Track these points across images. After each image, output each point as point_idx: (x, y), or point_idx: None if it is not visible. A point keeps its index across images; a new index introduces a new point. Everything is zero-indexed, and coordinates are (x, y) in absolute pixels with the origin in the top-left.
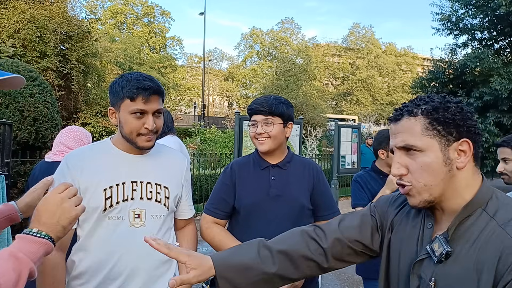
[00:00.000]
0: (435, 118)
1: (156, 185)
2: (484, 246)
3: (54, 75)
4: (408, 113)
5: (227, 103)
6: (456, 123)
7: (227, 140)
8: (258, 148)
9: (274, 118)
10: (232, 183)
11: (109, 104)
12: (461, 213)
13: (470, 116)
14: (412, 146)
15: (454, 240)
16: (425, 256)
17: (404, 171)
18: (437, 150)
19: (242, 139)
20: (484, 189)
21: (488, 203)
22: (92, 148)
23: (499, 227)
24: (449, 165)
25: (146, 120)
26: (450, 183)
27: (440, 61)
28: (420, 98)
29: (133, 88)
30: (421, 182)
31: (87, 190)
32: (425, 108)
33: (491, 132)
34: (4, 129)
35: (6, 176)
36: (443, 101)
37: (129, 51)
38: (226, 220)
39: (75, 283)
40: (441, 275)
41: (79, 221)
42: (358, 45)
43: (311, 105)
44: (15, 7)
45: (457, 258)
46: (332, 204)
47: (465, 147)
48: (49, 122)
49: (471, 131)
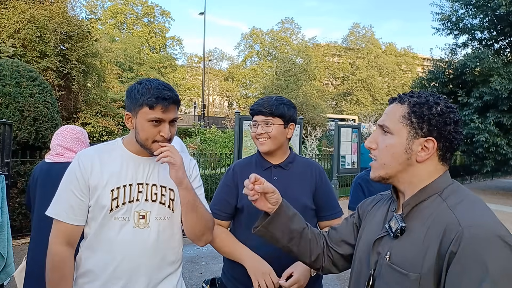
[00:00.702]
0: (414, 111)
1: (161, 187)
2: (433, 223)
3: (54, 75)
4: (399, 100)
5: (227, 103)
6: (430, 122)
7: (227, 140)
8: (259, 148)
9: (274, 119)
10: (234, 184)
11: (125, 108)
12: (415, 195)
13: (449, 122)
14: (387, 127)
15: (410, 219)
16: (384, 234)
17: (374, 146)
18: (403, 138)
19: (242, 139)
20: (443, 179)
21: (444, 191)
22: (103, 149)
23: (448, 208)
24: (408, 154)
25: (163, 129)
26: (407, 171)
27: (440, 61)
28: (417, 92)
29: (153, 97)
30: (382, 160)
31: (96, 189)
32: (413, 100)
33: (491, 132)
34: (4, 129)
35: (6, 176)
36: (432, 101)
37: (129, 51)
38: (229, 222)
39: (82, 280)
40: (396, 248)
41: (88, 219)
42: (358, 45)
43: (311, 105)
44: (15, 7)
45: (410, 234)
46: (335, 204)
47: (429, 145)
48: (49, 122)
49: (441, 135)
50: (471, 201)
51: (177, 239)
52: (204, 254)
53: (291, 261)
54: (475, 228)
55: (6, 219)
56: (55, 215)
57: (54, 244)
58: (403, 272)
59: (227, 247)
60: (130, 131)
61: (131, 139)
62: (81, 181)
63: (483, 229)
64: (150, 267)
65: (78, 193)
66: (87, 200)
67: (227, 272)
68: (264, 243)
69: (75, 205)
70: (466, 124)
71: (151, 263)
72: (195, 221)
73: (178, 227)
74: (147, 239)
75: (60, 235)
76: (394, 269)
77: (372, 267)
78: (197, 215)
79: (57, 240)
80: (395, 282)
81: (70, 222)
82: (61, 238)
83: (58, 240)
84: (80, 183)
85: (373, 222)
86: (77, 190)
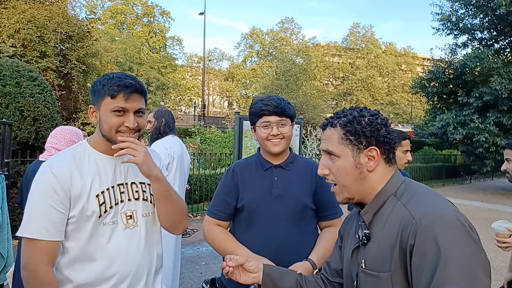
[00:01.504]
0: (348, 130)
1: (141, 184)
2: (391, 222)
3: (54, 75)
4: (330, 125)
5: (227, 103)
6: (365, 134)
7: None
8: (271, 150)
9: (287, 119)
10: (234, 184)
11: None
12: (373, 202)
13: (380, 127)
14: (331, 152)
15: (374, 224)
16: (358, 244)
17: (327, 172)
18: (349, 156)
19: (242, 139)
20: (394, 180)
21: (398, 190)
22: (74, 153)
23: (402, 205)
24: (360, 169)
25: (127, 119)
26: (363, 183)
27: (440, 61)
28: (342, 111)
29: (114, 86)
30: (340, 182)
31: (80, 198)
32: (342, 121)
33: (491, 132)
34: (4, 129)
35: (6, 176)
36: (357, 115)
37: (129, 51)
38: (229, 222)
39: None
40: (367, 255)
41: (68, 232)
42: (358, 45)
43: (311, 105)
44: (15, 7)
45: (375, 239)
46: (335, 204)
47: (374, 153)
48: (49, 122)
49: (379, 141)
50: (422, 194)
51: (159, 231)
52: (204, 254)
53: (290, 261)
54: (425, 216)
55: (6, 219)
56: (32, 235)
57: (38, 266)
58: (375, 274)
59: (226, 248)
60: (96, 130)
61: (98, 138)
62: (61, 193)
63: (433, 216)
64: (148, 265)
65: (58, 207)
66: (67, 212)
67: None
68: (263, 243)
69: (57, 220)
70: (466, 124)
71: (147, 259)
72: (172, 211)
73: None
74: (139, 237)
75: (42, 255)
76: (368, 274)
77: (355, 279)
78: (172, 205)
79: (41, 262)
80: (372, 286)
81: (52, 238)
82: (45, 259)
83: (41, 262)
84: (60, 195)
85: (349, 237)
86: (57, 203)
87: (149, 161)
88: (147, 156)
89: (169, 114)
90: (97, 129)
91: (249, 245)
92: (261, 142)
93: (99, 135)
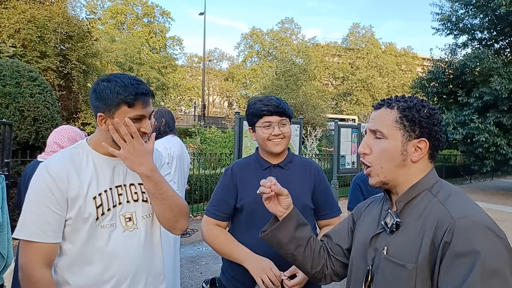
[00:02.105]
0: (406, 115)
1: (139, 185)
2: (427, 217)
3: (55, 75)
4: (387, 105)
5: (227, 103)
6: (421, 124)
7: (227, 140)
8: (273, 150)
9: (287, 119)
10: (232, 184)
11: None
12: (407, 192)
13: (437, 123)
14: (380, 131)
15: (404, 214)
16: (381, 230)
17: (368, 151)
18: (398, 141)
19: (242, 139)
20: (431, 175)
21: (434, 186)
22: (72, 153)
23: (439, 202)
24: (404, 156)
25: (144, 124)
26: (403, 171)
27: (440, 61)
28: (402, 96)
29: (131, 95)
30: (379, 164)
31: (77, 199)
32: (402, 105)
33: (491, 132)
34: (4, 129)
35: (6, 176)
36: (419, 103)
37: (129, 51)
38: (227, 222)
39: None
40: (392, 243)
41: (66, 234)
42: (358, 45)
43: (311, 105)
44: (15, 7)
45: (406, 228)
46: (333, 203)
47: (422, 146)
48: (49, 122)
49: (432, 135)
50: (458, 195)
51: (159, 233)
52: (204, 254)
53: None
54: (465, 219)
55: (7, 219)
56: (28, 237)
57: (35, 268)
58: (400, 263)
59: (226, 249)
60: (96, 130)
61: (101, 139)
62: (58, 194)
63: (473, 220)
64: (148, 265)
65: (55, 208)
66: (65, 214)
67: (227, 273)
68: (263, 243)
69: (53, 221)
70: (466, 124)
71: (148, 261)
72: (165, 209)
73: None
74: (139, 240)
75: (39, 258)
76: (391, 261)
77: (370, 263)
78: (163, 203)
79: (37, 264)
80: (393, 274)
81: (49, 240)
82: (41, 261)
83: (38, 264)
84: (57, 196)
85: (367, 221)
86: (54, 204)
87: (134, 158)
88: (134, 152)
89: (169, 114)
90: (99, 130)
91: (249, 246)
92: (261, 143)
93: (102, 137)
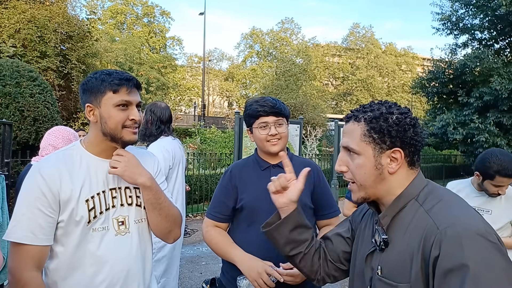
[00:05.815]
0: (373, 127)
1: (135, 189)
2: (413, 230)
3: (55, 75)
4: (354, 118)
5: (227, 103)
6: (391, 134)
7: (227, 140)
8: (271, 150)
9: (283, 119)
10: (232, 186)
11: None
12: (392, 205)
13: (408, 128)
14: (351, 148)
15: (392, 229)
16: (373, 248)
17: (345, 169)
18: (370, 156)
19: (242, 139)
20: (416, 183)
21: (420, 194)
22: (65, 155)
23: (425, 212)
24: (379, 170)
25: (131, 112)
26: (382, 185)
27: (440, 61)
28: (368, 105)
29: (115, 80)
30: (358, 181)
31: (69, 202)
32: (368, 116)
33: (491, 132)
34: (4, 129)
35: (6, 176)
36: (385, 112)
37: (129, 51)
38: (227, 224)
39: None
40: (384, 262)
41: (57, 236)
42: (358, 45)
43: (311, 105)
44: (16, 7)
45: (394, 245)
46: (333, 203)
47: (397, 156)
48: (49, 122)
49: (405, 142)
50: (447, 200)
51: (150, 238)
52: (204, 254)
53: None
54: (451, 228)
55: (6, 219)
56: (18, 239)
57: (23, 271)
58: (393, 284)
59: (222, 249)
60: (89, 131)
61: (94, 139)
62: (49, 196)
63: (460, 228)
64: (139, 270)
65: (47, 210)
66: (57, 216)
67: (227, 273)
68: (263, 242)
69: (45, 224)
70: (466, 124)
71: (140, 266)
72: (160, 219)
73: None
74: (130, 244)
75: (28, 260)
76: (385, 283)
77: (368, 284)
78: (160, 213)
79: (26, 267)
80: None
81: (39, 243)
82: (31, 264)
83: (27, 266)
84: (49, 198)
85: (364, 236)
86: (45, 207)
87: (132, 169)
88: (130, 165)
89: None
90: (92, 129)
91: (249, 244)
92: (259, 143)
93: (96, 135)
